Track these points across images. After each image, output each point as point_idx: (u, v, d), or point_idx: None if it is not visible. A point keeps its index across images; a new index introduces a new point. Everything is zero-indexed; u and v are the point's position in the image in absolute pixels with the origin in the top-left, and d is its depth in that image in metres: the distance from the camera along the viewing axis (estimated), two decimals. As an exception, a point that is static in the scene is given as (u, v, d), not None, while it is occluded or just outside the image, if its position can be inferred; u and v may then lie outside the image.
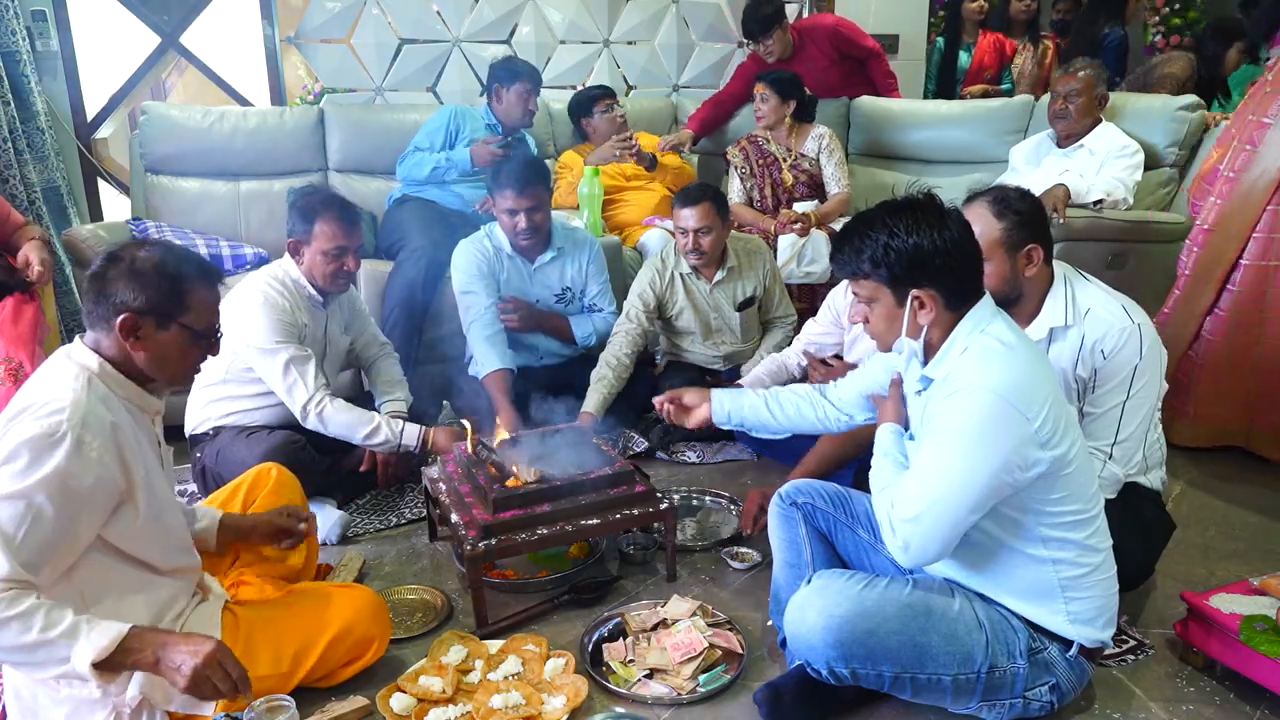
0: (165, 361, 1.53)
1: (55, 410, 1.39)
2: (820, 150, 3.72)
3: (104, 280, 1.49)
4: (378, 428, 2.40)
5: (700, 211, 2.81)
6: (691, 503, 2.58)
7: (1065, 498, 1.51)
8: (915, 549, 1.49)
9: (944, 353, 1.54)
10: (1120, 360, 1.84)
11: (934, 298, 1.51)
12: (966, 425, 1.45)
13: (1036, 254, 1.85)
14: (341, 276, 2.43)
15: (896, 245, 1.50)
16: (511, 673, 1.77)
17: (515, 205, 2.79)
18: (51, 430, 1.37)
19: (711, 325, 3.02)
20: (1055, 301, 1.90)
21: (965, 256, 1.52)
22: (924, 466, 1.50)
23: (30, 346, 2.44)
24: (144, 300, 1.48)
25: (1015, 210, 1.83)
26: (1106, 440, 1.89)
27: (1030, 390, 1.45)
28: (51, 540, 1.36)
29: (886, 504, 1.54)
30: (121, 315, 1.47)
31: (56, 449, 1.37)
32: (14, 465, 1.35)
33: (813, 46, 4.15)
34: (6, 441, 1.37)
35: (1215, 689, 1.75)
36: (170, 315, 1.51)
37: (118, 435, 1.45)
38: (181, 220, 3.48)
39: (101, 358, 1.49)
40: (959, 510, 1.46)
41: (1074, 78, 3.37)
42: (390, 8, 4.11)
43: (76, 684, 1.45)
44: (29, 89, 3.45)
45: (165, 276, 1.50)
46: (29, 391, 1.45)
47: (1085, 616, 1.56)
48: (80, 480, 1.38)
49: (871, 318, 1.60)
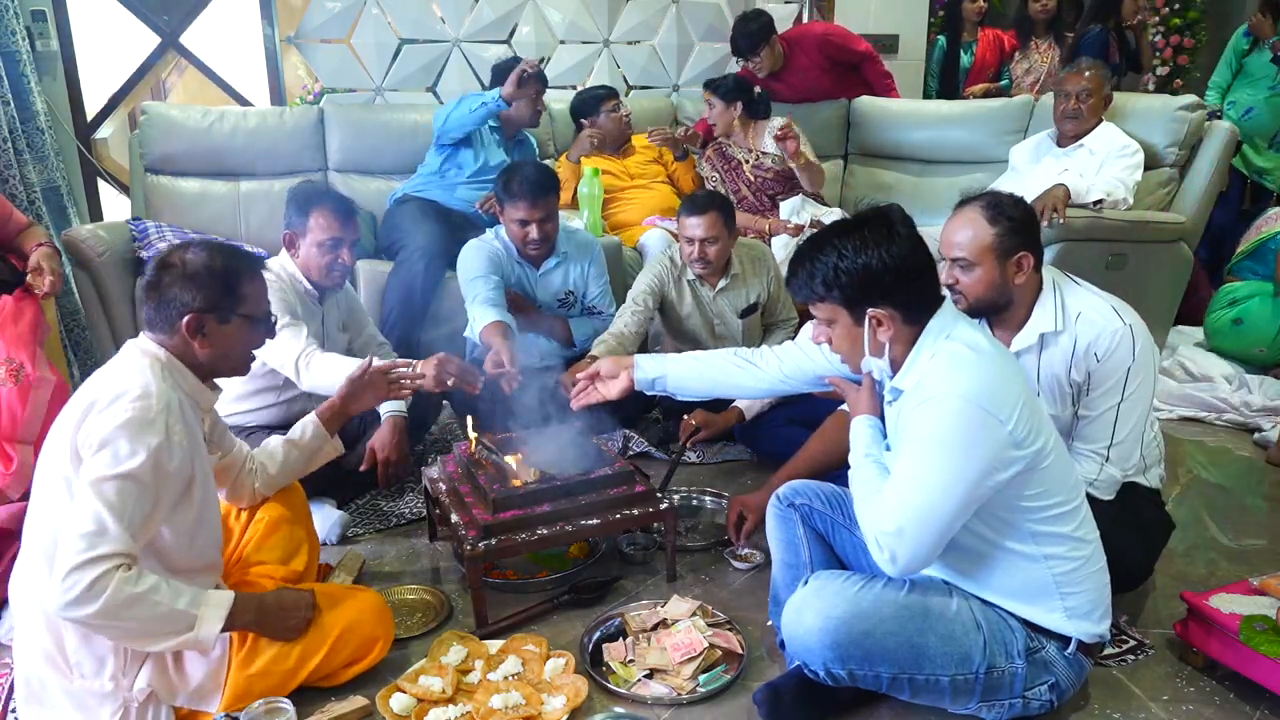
0: (230, 352, 1.65)
1: (142, 395, 1.49)
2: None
3: (160, 287, 1.59)
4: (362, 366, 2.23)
5: (708, 221, 2.79)
6: (691, 503, 2.58)
7: (1046, 491, 1.51)
8: (902, 561, 1.49)
9: (911, 361, 1.55)
10: (1114, 363, 1.85)
11: (891, 316, 1.53)
12: (942, 434, 1.45)
13: (1027, 262, 1.85)
14: (336, 269, 2.42)
15: (845, 266, 1.51)
16: (511, 673, 1.77)
17: (528, 216, 2.79)
18: (143, 414, 1.47)
19: (715, 332, 3.02)
20: (1045, 307, 1.90)
21: (916, 270, 1.53)
22: (902, 477, 1.50)
23: (31, 347, 2.43)
24: (203, 299, 1.58)
25: (1009, 217, 1.84)
26: (1103, 442, 1.89)
27: (1001, 392, 1.46)
28: (148, 519, 1.48)
29: (870, 516, 1.54)
30: (186, 317, 1.57)
31: (150, 432, 1.47)
32: (115, 449, 1.44)
33: (802, 56, 4.18)
34: (96, 431, 1.45)
35: (1215, 689, 1.75)
36: (230, 309, 1.62)
37: (188, 425, 1.57)
38: (181, 220, 3.48)
39: (168, 352, 1.60)
40: (941, 519, 1.46)
41: (1083, 77, 3.35)
42: (390, 8, 4.11)
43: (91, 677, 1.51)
44: (29, 89, 3.45)
45: (217, 274, 1.60)
46: (100, 385, 1.52)
47: (1081, 611, 1.56)
48: (170, 461, 1.49)
49: (833, 338, 1.61)
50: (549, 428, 2.32)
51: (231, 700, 1.58)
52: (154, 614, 1.44)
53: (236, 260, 1.65)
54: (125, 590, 1.39)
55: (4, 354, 2.37)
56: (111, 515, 1.40)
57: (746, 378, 2.00)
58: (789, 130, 3.55)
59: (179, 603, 1.47)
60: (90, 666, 1.52)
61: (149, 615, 1.43)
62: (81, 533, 1.39)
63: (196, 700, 1.58)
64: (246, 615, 1.57)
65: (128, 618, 1.41)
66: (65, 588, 1.37)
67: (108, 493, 1.42)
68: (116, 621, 1.41)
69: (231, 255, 1.65)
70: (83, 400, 1.50)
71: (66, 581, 1.37)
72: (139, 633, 1.46)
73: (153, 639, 1.48)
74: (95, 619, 1.39)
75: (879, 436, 1.66)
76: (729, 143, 3.81)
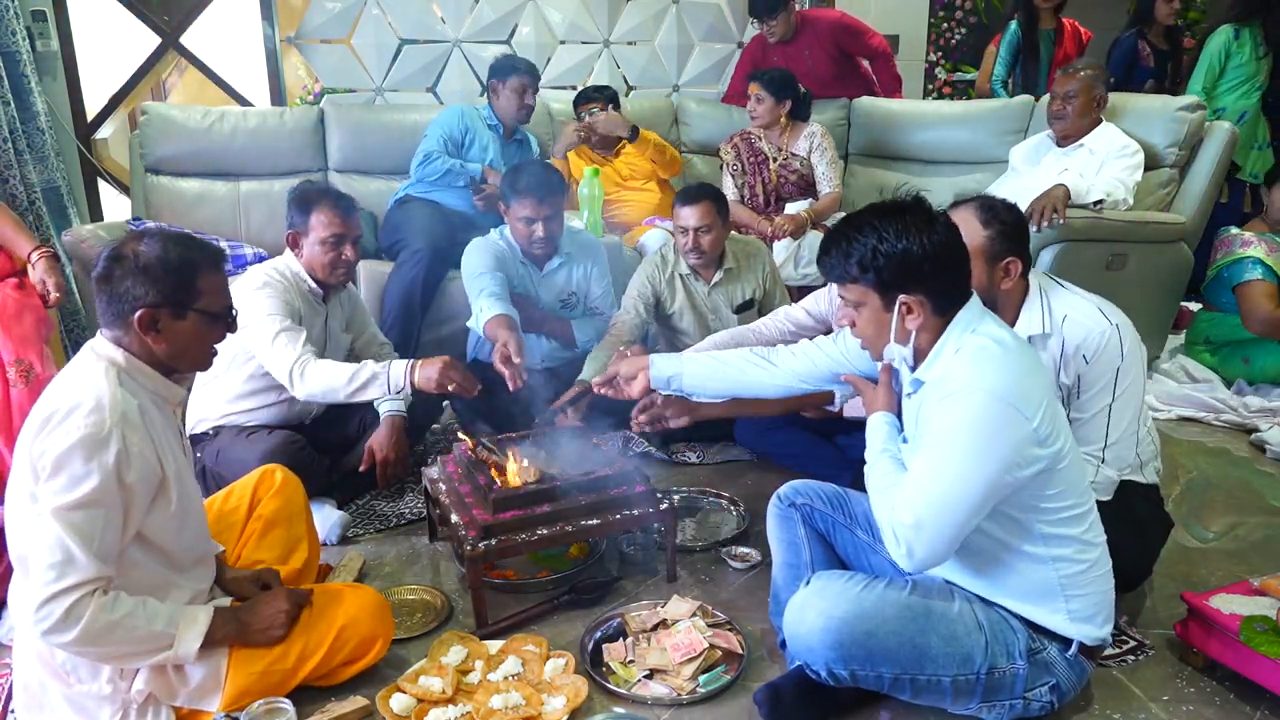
0: (186, 349, 1.57)
1: (94, 409, 1.42)
2: (812, 149, 3.72)
3: (111, 280, 1.50)
4: (358, 372, 2.21)
5: (700, 210, 2.81)
6: (692, 503, 2.58)
7: (1062, 493, 1.51)
8: (919, 554, 1.48)
9: (936, 354, 1.54)
10: (1103, 363, 1.84)
11: (922, 303, 1.51)
12: (966, 428, 1.44)
13: (1014, 267, 1.85)
14: (340, 266, 2.41)
15: (885, 250, 1.48)
16: (511, 673, 1.77)
17: (534, 214, 2.79)
18: (94, 432, 1.41)
19: (710, 327, 3.02)
20: (1031, 311, 1.90)
21: (954, 261, 1.52)
22: (923, 470, 1.49)
23: (38, 345, 2.44)
24: (156, 294, 1.50)
25: (1001, 220, 1.84)
26: (1098, 444, 1.89)
27: (1027, 388, 1.45)
28: (117, 534, 1.44)
29: (887, 509, 1.52)
30: (138, 312, 1.49)
31: (104, 449, 1.41)
32: (71, 472, 1.39)
33: (812, 36, 4.17)
34: (52, 447, 1.40)
35: (1215, 689, 1.75)
36: (185, 304, 1.53)
37: (150, 428, 1.50)
38: (181, 220, 3.48)
39: (125, 351, 1.53)
40: (961, 513, 1.45)
41: (1073, 78, 3.38)
42: (390, 8, 4.11)
43: (88, 681, 1.51)
44: (29, 89, 3.45)
45: (171, 267, 1.51)
46: (58, 395, 1.47)
47: (1085, 614, 1.56)
48: (129, 474, 1.43)
49: (859, 322, 1.59)
50: (549, 428, 2.33)
51: (231, 699, 1.58)
52: (132, 637, 1.45)
53: (192, 252, 1.55)
54: (102, 618, 1.40)
55: (12, 354, 2.37)
56: (76, 543, 1.38)
57: (764, 375, 1.95)
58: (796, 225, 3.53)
59: (156, 624, 1.47)
60: (86, 672, 1.52)
61: (127, 639, 1.44)
62: (49, 563, 1.37)
63: (196, 699, 1.58)
64: (226, 628, 1.58)
65: (106, 642, 1.43)
66: (39, 618, 1.37)
67: (70, 521, 1.39)
68: (94, 647, 1.42)
69: (188, 247, 1.55)
70: (40, 413, 1.46)
71: (40, 612, 1.36)
72: (119, 655, 1.48)
73: (133, 659, 1.50)
74: (74, 645, 1.40)
75: (895, 433, 1.65)
76: (760, 135, 3.77)
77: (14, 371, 2.35)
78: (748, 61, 4.32)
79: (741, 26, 4.74)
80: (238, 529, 1.91)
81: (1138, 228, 3.25)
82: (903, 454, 1.61)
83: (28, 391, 2.33)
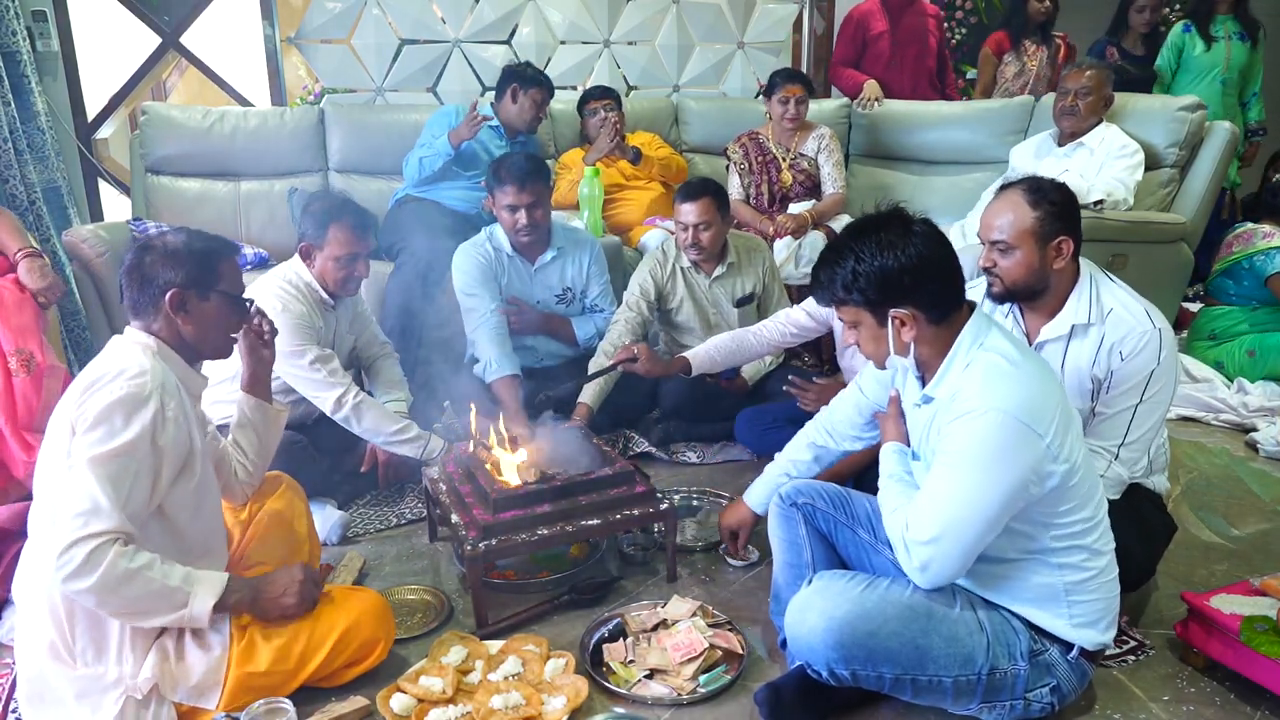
0: (210, 331, 1.69)
1: (136, 375, 1.53)
2: (820, 150, 3.73)
3: (142, 268, 1.63)
4: (406, 428, 2.42)
5: (700, 206, 2.82)
6: (691, 503, 2.58)
7: (1075, 507, 1.51)
8: (934, 571, 1.49)
9: (945, 369, 1.55)
10: (1137, 364, 1.83)
11: (914, 315, 1.52)
12: (981, 447, 1.45)
13: (1067, 246, 1.84)
14: (352, 282, 2.46)
15: (864, 269, 1.51)
16: (511, 673, 1.77)
17: (516, 201, 2.80)
18: (137, 391, 1.51)
19: (710, 321, 3.02)
20: (1080, 299, 1.88)
21: (936, 270, 1.52)
22: (938, 489, 1.50)
23: (37, 335, 2.47)
24: (184, 275, 1.63)
25: (1050, 200, 1.83)
26: (1115, 440, 1.87)
27: (1039, 405, 1.46)
28: (145, 494, 1.51)
29: (900, 526, 1.53)
30: (169, 292, 1.61)
31: (144, 407, 1.51)
32: (110, 425, 1.48)
33: (918, 19, 4.38)
34: (92, 407, 1.49)
35: (1216, 689, 1.75)
36: (209, 285, 1.67)
37: (183, 401, 1.61)
38: (182, 220, 3.45)
39: (155, 337, 1.63)
40: (976, 530, 1.47)
41: (1084, 75, 3.40)
42: (390, 8, 4.10)
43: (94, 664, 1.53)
44: (29, 89, 3.45)
45: (196, 252, 1.66)
46: (101, 365, 1.56)
47: (1088, 620, 1.56)
48: (162, 436, 1.53)
49: (860, 340, 1.62)
50: (549, 428, 2.33)
51: (231, 698, 1.58)
52: (148, 590, 1.47)
53: (212, 242, 1.72)
54: (121, 565, 1.43)
55: (13, 344, 2.39)
56: (105, 493, 1.44)
57: (829, 455, 2.01)
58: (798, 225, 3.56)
59: (172, 579, 1.51)
60: (93, 654, 1.54)
61: (144, 591, 1.47)
62: (77, 511, 1.43)
63: (196, 696, 1.58)
64: (240, 594, 1.60)
65: (124, 592, 1.45)
66: (61, 562, 1.41)
67: (101, 470, 1.45)
68: (113, 596, 1.45)
69: (207, 238, 1.72)
70: (81, 383, 1.54)
71: (63, 557, 1.41)
72: (135, 609, 1.50)
73: (149, 615, 1.52)
74: (93, 592, 1.43)
75: (905, 459, 1.67)
76: (769, 136, 3.79)
77: (15, 361, 2.38)
78: (857, 35, 4.43)
79: (742, 26, 4.74)
80: (239, 530, 1.91)
81: (1138, 228, 3.25)
82: (914, 470, 1.63)
83: (30, 380, 2.35)
